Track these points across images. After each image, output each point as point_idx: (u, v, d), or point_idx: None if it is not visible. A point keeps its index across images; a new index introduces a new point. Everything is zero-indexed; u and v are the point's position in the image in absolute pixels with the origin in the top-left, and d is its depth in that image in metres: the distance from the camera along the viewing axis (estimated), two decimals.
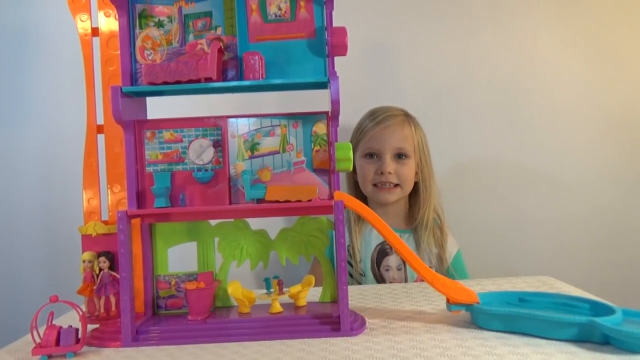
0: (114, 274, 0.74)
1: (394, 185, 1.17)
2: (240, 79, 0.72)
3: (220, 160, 0.75)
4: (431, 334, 0.67)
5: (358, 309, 0.78)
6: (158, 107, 0.80)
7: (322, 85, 0.72)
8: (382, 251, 1.17)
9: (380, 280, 1.16)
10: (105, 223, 0.77)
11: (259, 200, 0.73)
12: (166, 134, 0.75)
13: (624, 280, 1.35)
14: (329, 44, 0.72)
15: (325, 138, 0.75)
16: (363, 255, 1.17)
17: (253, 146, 0.75)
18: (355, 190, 1.24)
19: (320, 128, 0.75)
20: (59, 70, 1.34)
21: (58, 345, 0.65)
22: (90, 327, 0.72)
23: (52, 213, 1.36)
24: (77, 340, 0.66)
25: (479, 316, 0.69)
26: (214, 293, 0.77)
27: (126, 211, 0.71)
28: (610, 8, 1.37)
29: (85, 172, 0.81)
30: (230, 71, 0.73)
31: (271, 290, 0.76)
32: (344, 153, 0.69)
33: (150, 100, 0.79)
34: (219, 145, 0.75)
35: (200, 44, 0.74)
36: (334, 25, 0.72)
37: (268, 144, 0.75)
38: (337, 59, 0.73)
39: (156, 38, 0.74)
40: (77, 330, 0.66)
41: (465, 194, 1.37)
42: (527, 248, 1.37)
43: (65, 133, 1.33)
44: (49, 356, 0.65)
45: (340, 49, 0.72)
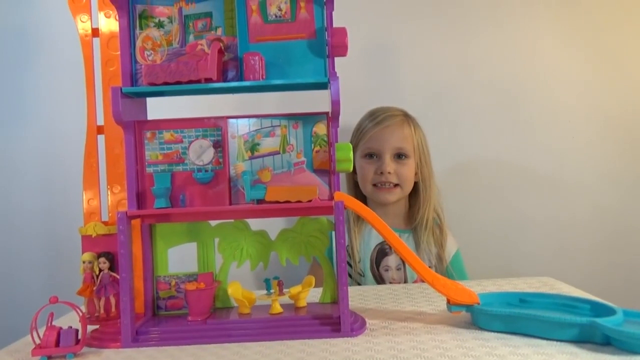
0: (114, 274, 0.74)
1: (393, 185, 1.18)
2: (240, 79, 0.72)
3: (221, 160, 0.75)
4: (432, 335, 0.67)
5: (358, 310, 0.78)
6: (158, 108, 0.80)
7: (323, 86, 0.72)
8: (382, 251, 1.17)
9: (379, 280, 1.16)
10: (105, 224, 0.77)
11: (259, 201, 0.73)
12: (166, 135, 0.75)
13: (624, 281, 1.35)
14: (329, 45, 0.72)
15: (326, 139, 0.75)
16: (362, 256, 1.17)
17: (253, 147, 0.75)
18: (355, 190, 1.25)
19: (321, 129, 0.75)
20: (59, 70, 1.34)
21: (58, 346, 0.65)
22: (90, 328, 0.72)
23: (52, 214, 1.36)
24: (77, 341, 0.66)
25: (479, 317, 0.69)
26: (214, 294, 0.77)
27: (126, 212, 0.70)
28: (610, 8, 1.37)
29: (86, 173, 0.81)
30: (230, 72, 0.73)
31: (271, 291, 0.76)
32: (344, 154, 0.69)
33: (150, 101, 0.79)
34: (219, 145, 0.75)
35: (201, 45, 0.74)
36: (334, 25, 0.72)
37: (268, 144, 0.75)
38: (337, 60, 0.73)
39: (156, 39, 0.74)
40: (77, 331, 0.66)
41: (466, 195, 1.37)
42: (528, 249, 1.37)
43: (66, 134, 1.33)
44: (49, 357, 0.65)
45: (341, 50, 0.72)
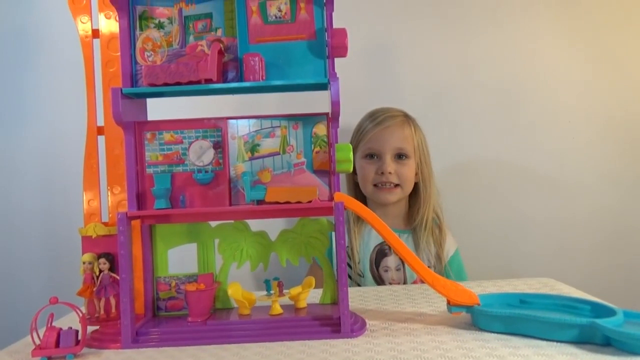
0: (114, 275, 0.74)
1: (394, 185, 1.18)
2: (240, 80, 0.72)
3: (221, 161, 0.75)
4: (432, 336, 0.67)
5: (358, 311, 0.78)
6: (158, 109, 0.80)
7: (322, 87, 0.72)
8: (381, 252, 1.17)
9: (379, 281, 1.16)
10: (105, 224, 0.77)
11: (259, 202, 0.73)
12: (166, 136, 0.75)
13: (625, 282, 1.34)
14: (329, 46, 0.72)
15: (326, 139, 0.75)
16: (362, 256, 1.17)
17: (253, 147, 0.75)
18: (356, 191, 1.25)
19: (321, 129, 0.75)
20: (60, 71, 1.34)
21: (58, 347, 0.65)
22: (90, 329, 0.72)
23: (52, 214, 1.36)
24: (77, 342, 0.66)
25: (479, 318, 0.69)
26: (214, 294, 0.77)
27: (126, 212, 0.71)
28: (610, 9, 1.36)
29: (86, 174, 0.81)
30: (230, 72, 0.73)
31: (271, 291, 0.76)
32: (344, 154, 0.69)
33: (150, 102, 0.79)
34: (219, 146, 0.75)
35: (201, 46, 0.74)
36: (334, 26, 0.72)
37: (268, 145, 0.75)
38: (337, 60, 0.73)
39: (156, 39, 0.74)
40: (77, 331, 0.66)
41: (466, 195, 1.37)
42: (528, 249, 1.37)
43: (66, 134, 1.33)
44: (49, 358, 0.65)
45: (341, 50, 0.72)
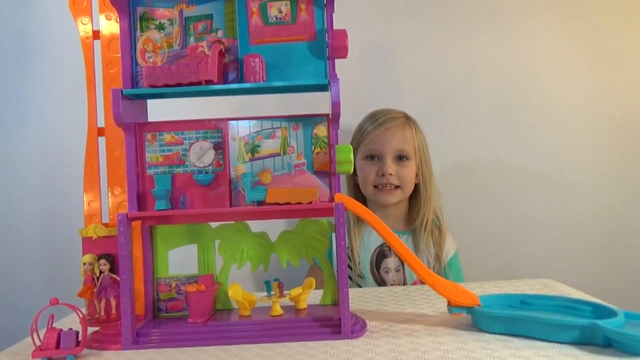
0: (114, 276, 0.74)
1: (394, 186, 1.18)
2: (240, 81, 0.72)
3: (221, 162, 0.75)
4: (432, 337, 0.67)
5: (359, 312, 0.78)
6: (159, 110, 0.80)
7: (323, 88, 0.72)
8: (381, 253, 1.17)
9: (380, 282, 1.16)
10: (105, 225, 0.77)
11: (260, 203, 0.73)
12: (167, 137, 0.75)
13: (625, 283, 1.34)
14: (330, 47, 0.72)
15: (326, 140, 0.75)
16: (362, 258, 1.17)
17: (254, 148, 0.75)
18: (356, 192, 1.25)
19: (321, 130, 0.75)
20: (60, 72, 1.34)
21: (58, 348, 0.65)
22: (90, 330, 0.72)
23: (53, 215, 1.36)
24: (77, 343, 0.66)
25: (480, 319, 0.69)
26: (214, 295, 0.77)
27: (127, 213, 0.71)
28: (611, 10, 1.37)
29: (86, 175, 0.81)
30: (230, 73, 0.73)
31: (272, 292, 0.76)
32: (345, 155, 0.69)
33: (151, 103, 0.79)
34: (220, 147, 0.75)
35: (201, 47, 0.74)
36: (335, 27, 0.72)
37: (269, 146, 0.75)
38: (337, 61, 0.73)
39: (157, 41, 0.74)
40: (78, 332, 0.66)
41: (467, 196, 1.37)
42: (529, 250, 1.37)
43: (66, 135, 1.33)
44: (49, 359, 0.65)
45: (341, 52, 0.72)
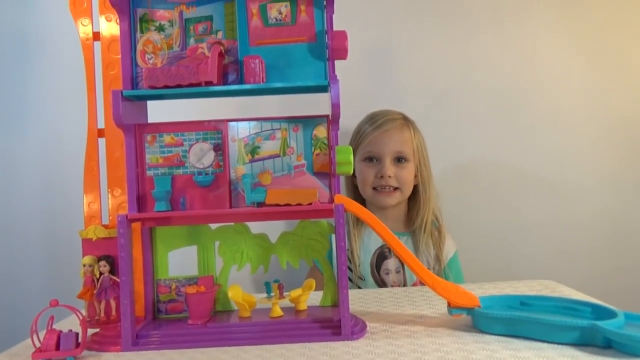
0: (114, 278, 0.74)
1: (393, 188, 1.18)
2: (240, 82, 0.73)
3: (221, 163, 0.75)
4: (432, 338, 0.67)
5: (359, 313, 0.78)
6: (159, 111, 0.80)
7: (323, 89, 0.72)
8: (381, 255, 1.17)
9: (381, 284, 1.16)
10: (105, 227, 0.77)
11: (260, 204, 0.73)
12: (167, 138, 0.75)
13: (626, 284, 1.34)
14: (330, 48, 0.72)
15: (326, 141, 0.75)
16: (362, 260, 1.17)
17: (253, 150, 0.75)
18: (354, 193, 1.24)
19: (321, 131, 0.75)
20: (60, 74, 1.34)
21: (58, 350, 0.65)
22: (90, 331, 0.72)
23: (53, 217, 1.36)
24: (77, 345, 0.66)
25: (480, 320, 0.69)
26: (214, 297, 0.77)
27: (126, 215, 0.71)
28: (611, 11, 1.37)
29: (86, 176, 0.81)
30: (230, 75, 0.73)
31: (272, 294, 0.76)
32: (345, 156, 0.69)
33: (151, 104, 0.79)
34: (220, 148, 0.75)
35: (201, 48, 0.74)
36: (335, 28, 0.72)
37: (268, 147, 0.75)
38: (337, 62, 0.73)
39: (157, 42, 0.74)
40: (77, 334, 0.66)
41: (467, 198, 1.37)
42: (528, 251, 1.37)
43: (66, 137, 1.33)
44: None
45: (341, 53, 0.72)
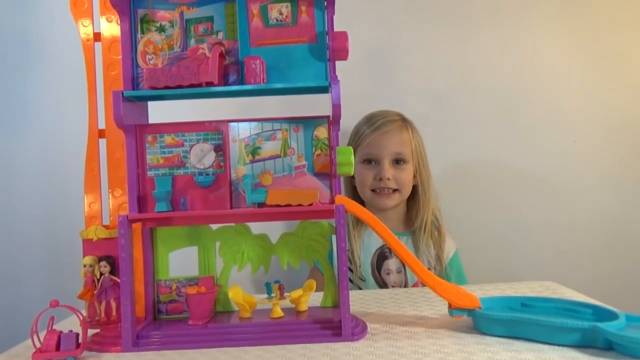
0: (114, 278, 0.74)
1: (392, 190, 1.17)
2: (241, 83, 0.72)
3: (222, 164, 0.75)
4: (433, 339, 0.67)
5: (359, 314, 0.78)
6: (159, 112, 0.80)
7: (324, 90, 0.72)
8: (382, 255, 1.17)
9: (382, 284, 1.16)
10: (106, 227, 0.77)
11: (260, 205, 0.73)
12: (167, 138, 0.75)
13: (627, 285, 1.34)
14: (330, 49, 0.72)
15: (327, 142, 0.75)
16: (363, 261, 1.17)
17: (254, 150, 0.75)
18: (353, 195, 1.24)
19: (322, 132, 0.75)
20: (61, 74, 1.34)
21: (58, 350, 0.65)
22: (90, 332, 0.72)
23: (53, 217, 1.36)
24: (78, 345, 0.66)
25: (481, 321, 0.69)
26: (214, 298, 0.77)
27: (127, 215, 0.71)
28: (611, 11, 1.37)
29: (87, 177, 0.81)
30: (231, 75, 0.73)
31: (272, 295, 0.75)
32: (346, 157, 0.69)
33: (151, 105, 0.79)
34: (220, 149, 0.75)
35: (202, 49, 0.74)
36: (335, 29, 0.72)
37: (269, 148, 0.75)
38: (338, 63, 0.73)
39: (158, 43, 0.74)
40: (78, 335, 0.66)
41: (467, 198, 1.37)
42: (529, 253, 1.37)
43: (67, 137, 1.33)
44: None
45: (342, 54, 0.72)
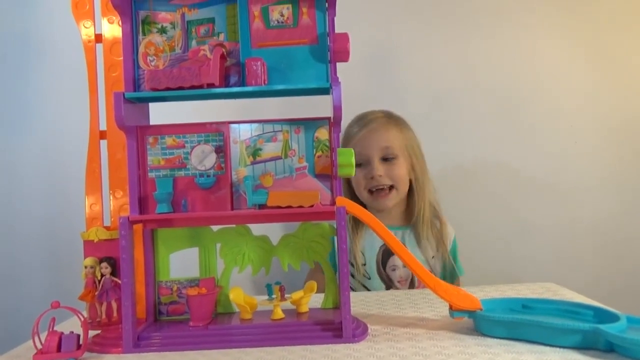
0: (115, 279, 0.74)
1: (388, 187, 1.17)
2: (242, 84, 0.73)
3: (223, 165, 0.75)
4: (434, 341, 0.67)
5: (360, 316, 0.78)
6: (160, 113, 0.80)
7: (324, 91, 0.72)
8: (387, 251, 1.16)
9: (387, 281, 1.16)
10: (107, 229, 0.77)
11: (261, 206, 0.73)
12: (168, 140, 0.75)
13: (628, 287, 1.34)
14: (331, 50, 0.72)
15: (328, 144, 0.75)
16: (368, 258, 1.16)
17: (255, 152, 0.75)
18: (353, 198, 1.24)
19: (322, 134, 0.75)
20: (63, 76, 1.34)
21: (59, 351, 0.65)
22: (91, 333, 0.72)
23: (54, 219, 1.36)
24: (79, 346, 0.66)
25: (482, 323, 0.69)
26: (215, 299, 0.77)
27: (128, 217, 0.71)
28: (612, 13, 1.37)
29: (88, 178, 0.81)
30: (232, 77, 0.73)
31: (273, 296, 0.76)
32: (346, 158, 0.69)
33: (152, 106, 0.79)
34: (221, 150, 0.75)
35: (203, 50, 0.74)
36: (336, 31, 0.72)
37: (270, 149, 0.75)
38: (339, 64, 0.73)
39: (159, 44, 0.74)
40: (79, 336, 0.66)
41: (467, 200, 1.37)
42: (530, 254, 1.37)
43: (68, 138, 1.33)
44: None
45: (343, 55, 0.72)
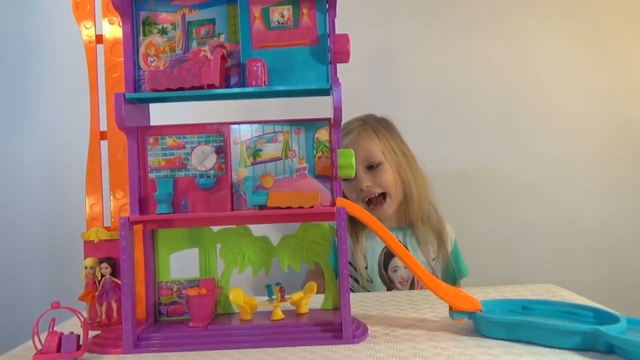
0: (115, 280, 0.74)
1: (381, 195, 1.16)
2: (242, 85, 0.73)
3: (223, 166, 0.75)
4: (434, 342, 0.67)
5: (360, 317, 0.78)
6: (161, 114, 0.80)
7: (325, 92, 0.72)
8: (388, 253, 1.16)
9: (388, 283, 1.16)
10: (107, 229, 0.77)
11: (261, 207, 0.73)
12: (169, 141, 0.75)
13: (628, 288, 1.34)
14: (332, 51, 0.72)
15: (328, 145, 0.75)
16: (370, 262, 1.16)
17: (255, 152, 0.75)
18: None
19: (323, 135, 0.75)
20: (63, 76, 1.35)
21: (59, 352, 0.65)
22: (91, 334, 0.72)
23: (55, 219, 1.36)
24: (78, 347, 0.66)
25: (482, 324, 0.69)
26: (215, 300, 0.77)
27: (128, 217, 0.71)
28: (612, 13, 1.37)
29: (88, 178, 0.81)
30: (232, 78, 0.73)
31: (273, 297, 0.76)
32: (347, 159, 0.69)
33: (153, 107, 0.79)
34: (222, 151, 0.75)
35: (203, 51, 0.74)
36: (337, 32, 0.72)
37: (270, 150, 0.75)
38: (339, 65, 0.73)
39: (159, 45, 0.74)
40: (79, 336, 0.66)
41: (467, 201, 1.37)
42: (530, 256, 1.37)
43: (69, 139, 1.33)
44: None
45: (343, 56, 0.72)
